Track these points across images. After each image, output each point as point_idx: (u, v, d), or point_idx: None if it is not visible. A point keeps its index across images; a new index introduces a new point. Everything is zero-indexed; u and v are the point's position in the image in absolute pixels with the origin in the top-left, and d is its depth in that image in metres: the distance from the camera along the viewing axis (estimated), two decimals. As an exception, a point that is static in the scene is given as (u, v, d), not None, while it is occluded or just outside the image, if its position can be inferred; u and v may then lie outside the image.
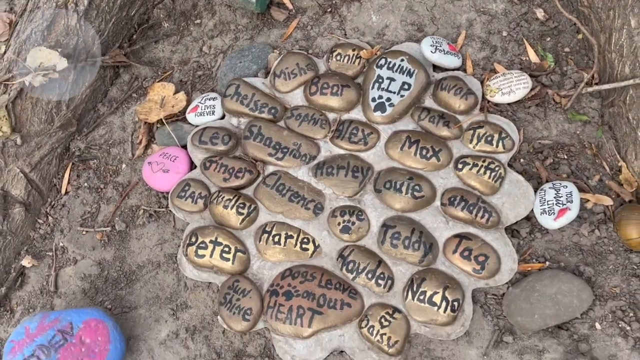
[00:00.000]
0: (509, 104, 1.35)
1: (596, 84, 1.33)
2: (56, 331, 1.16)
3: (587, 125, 1.32)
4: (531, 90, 1.34)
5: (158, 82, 1.55)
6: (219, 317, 1.21)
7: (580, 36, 1.40)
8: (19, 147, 1.40)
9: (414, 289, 1.16)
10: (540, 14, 1.44)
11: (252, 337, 1.21)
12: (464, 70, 1.42)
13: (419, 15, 1.50)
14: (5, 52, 1.47)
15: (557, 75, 1.37)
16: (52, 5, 1.43)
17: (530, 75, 1.36)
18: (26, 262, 1.37)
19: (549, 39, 1.42)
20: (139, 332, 1.27)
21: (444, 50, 1.39)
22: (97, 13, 1.47)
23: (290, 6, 1.58)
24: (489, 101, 1.36)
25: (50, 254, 1.39)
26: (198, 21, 1.62)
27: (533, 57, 1.40)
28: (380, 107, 1.35)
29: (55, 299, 1.34)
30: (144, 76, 1.59)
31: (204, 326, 1.25)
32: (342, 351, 1.17)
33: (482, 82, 1.38)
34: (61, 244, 1.40)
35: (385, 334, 1.12)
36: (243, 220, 1.28)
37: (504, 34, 1.45)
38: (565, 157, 1.30)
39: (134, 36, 1.61)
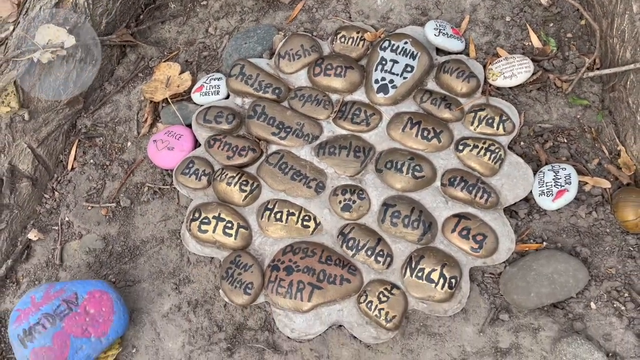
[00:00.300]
0: (510, 87, 1.37)
1: (597, 68, 1.34)
2: (61, 301, 1.18)
3: (587, 109, 1.33)
4: (533, 74, 1.35)
5: (164, 62, 1.56)
6: (220, 290, 1.24)
7: (583, 22, 1.41)
8: (27, 123, 1.42)
9: (413, 266, 1.18)
10: (543, -1, 1.45)
11: (252, 310, 1.24)
12: (467, 54, 1.43)
13: (423, -1, 1.51)
14: (14, 29, 1.49)
15: (559, 60, 1.38)
16: (61, -17, 1.45)
17: (533, 60, 1.37)
18: (32, 235, 1.40)
19: (552, 24, 1.43)
20: (142, 305, 1.29)
21: (447, 34, 1.40)
22: (105, -8, 1.49)
23: (296, -11, 1.59)
24: (490, 85, 1.37)
25: (56, 228, 1.42)
26: (204, 2, 1.64)
27: (536, 42, 1.41)
28: (383, 89, 1.36)
29: (61, 272, 1.37)
30: (150, 56, 1.61)
31: (205, 300, 1.27)
32: (340, 325, 1.19)
33: (484, 66, 1.39)
34: (67, 219, 1.42)
35: (383, 309, 1.14)
36: (246, 197, 1.30)
37: (507, 19, 1.46)
38: (565, 140, 1.31)
39: (141, 16, 1.63)
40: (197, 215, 1.29)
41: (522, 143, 1.32)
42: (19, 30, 1.46)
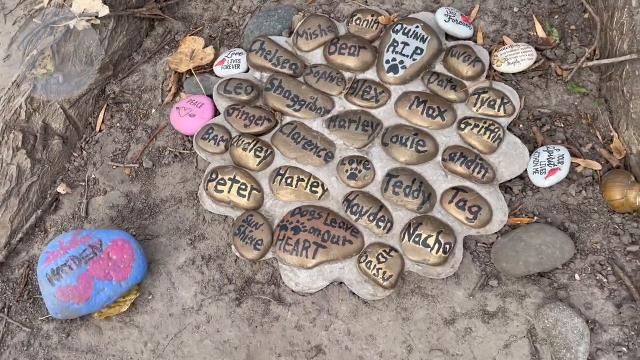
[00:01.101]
0: (514, 73, 1.45)
1: (597, 59, 1.41)
2: (87, 246, 1.29)
3: (585, 97, 1.41)
4: (535, 62, 1.43)
5: (189, 36, 1.67)
6: (232, 246, 1.34)
7: (586, 15, 1.49)
8: (60, 85, 1.53)
9: (411, 231, 1.27)
10: (550, -8, 1.53)
11: (261, 265, 1.34)
12: (475, 41, 1.51)
13: (436, -13, 1.60)
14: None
15: (561, 50, 1.46)
16: (98, -43, 1.55)
17: (536, 49, 1.45)
18: (61, 189, 1.51)
19: (557, 16, 1.51)
20: (159, 258, 1.40)
21: (456, 20, 1.48)
22: (138, -33, 1.60)
23: (316, -27, 1.68)
24: (495, 70, 1.45)
25: (83, 184, 1.53)
26: (230, -18, 1.74)
27: (540, 32, 1.49)
28: (393, 69, 1.45)
29: (85, 224, 1.48)
30: (176, 30, 1.71)
31: (218, 255, 1.38)
32: (341, 282, 1.29)
33: (490, 53, 1.47)
34: (93, 176, 1.53)
35: (381, 268, 1.24)
36: (260, 162, 1.40)
37: (515, 9, 1.54)
38: (562, 125, 1.39)
39: (170, -8, 1.73)
40: (214, 176, 1.39)
41: (521, 125, 1.40)
42: (57, -1, 1.57)
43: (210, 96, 1.55)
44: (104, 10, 1.52)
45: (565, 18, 1.51)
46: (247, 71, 1.57)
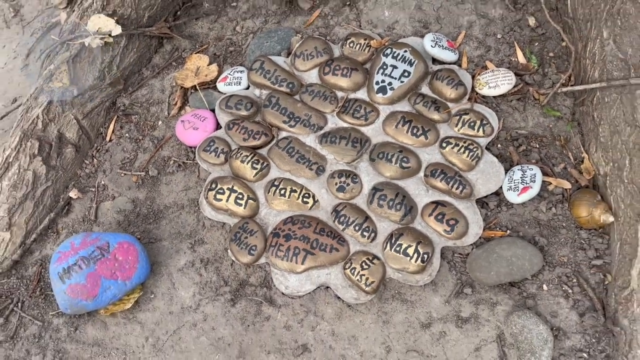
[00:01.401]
0: (494, 96, 1.56)
1: (571, 85, 1.52)
2: (96, 247, 1.41)
3: (559, 120, 1.52)
4: (515, 86, 1.54)
5: (195, 53, 1.79)
6: (229, 250, 1.45)
7: (563, 43, 1.60)
8: (75, 98, 1.65)
9: (392, 241, 1.38)
10: (531, 21, 1.64)
11: (254, 269, 1.45)
12: (459, 65, 1.62)
13: (426, 14, 1.71)
14: (69, 17, 1.73)
15: (539, 75, 1.57)
16: (113, -20, 1.68)
17: (516, 74, 1.56)
18: (73, 194, 1.63)
19: (537, 43, 1.62)
20: (162, 260, 1.52)
21: (442, 46, 1.60)
22: (149, -10, 1.72)
23: (315, -3, 1.80)
24: (477, 93, 1.56)
25: (93, 189, 1.65)
26: (234, 4, 1.86)
27: (521, 58, 1.60)
28: (382, 90, 1.57)
29: (94, 227, 1.60)
30: (183, 48, 1.83)
31: (216, 259, 1.49)
32: (327, 287, 1.39)
33: (473, 76, 1.58)
34: (102, 182, 1.65)
35: (364, 275, 1.35)
36: (256, 174, 1.51)
37: (499, 36, 1.65)
38: (537, 146, 1.50)
39: (178, 12, 1.86)
40: (214, 185, 1.51)
41: (499, 145, 1.51)
42: (74, 17, 1.70)
43: (213, 110, 1.67)
44: (117, 30, 1.65)
45: (545, 45, 1.61)
46: (247, 88, 1.69)
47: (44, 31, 2.23)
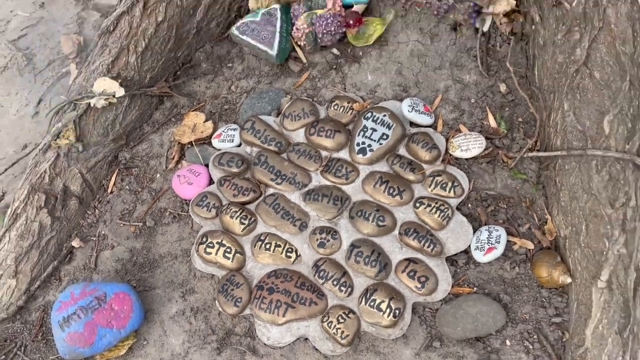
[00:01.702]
0: (466, 159, 1.68)
1: (537, 150, 1.64)
2: (93, 297, 1.53)
3: (525, 182, 1.63)
4: (485, 149, 1.66)
5: (192, 111, 1.93)
6: (216, 301, 1.57)
7: (531, 109, 1.72)
8: (80, 153, 1.79)
9: (367, 296, 1.49)
10: (502, 87, 1.77)
11: (240, 320, 1.56)
12: (435, 128, 1.75)
13: (405, 78, 1.84)
14: (76, 78, 1.88)
15: (508, 139, 1.69)
16: (118, 46, 1.83)
17: (486, 138, 1.68)
18: (75, 243, 1.76)
19: (507, 109, 1.75)
20: (155, 307, 1.63)
21: (419, 111, 1.73)
22: (152, 54, 1.87)
23: (304, 60, 1.94)
24: (451, 155, 1.69)
25: (94, 239, 1.77)
26: (230, 65, 2.01)
27: (492, 122, 1.72)
28: (362, 151, 1.69)
29: (94, 275, 1.72)
30: (182, 105, 1.98)
31: (205, 308, 1.60)
32: (306, 338, 1.50)
33: (447, 139, 1.71)
34: (103, 232, 1.78)
35: (340, 328, 1.45)
36: (244, 228, 1.63)
37: (472, 100, 1.78)
38: (505, 206, 1.61)
39: (178, 72, 2.00)
40: (204, 239, 1.63)
41: (469, 205, 1.63)
42: (81, 79, 1.85)
43: (207, 166, 1.80)
44: (121, 92, 1.79)
45: (514, 111, 1.74)
46: (239, 145, 1.82)
47: (54, 80, 2.39)
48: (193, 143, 1.85)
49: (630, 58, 1.47)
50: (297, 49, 1.95)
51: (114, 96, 1.80)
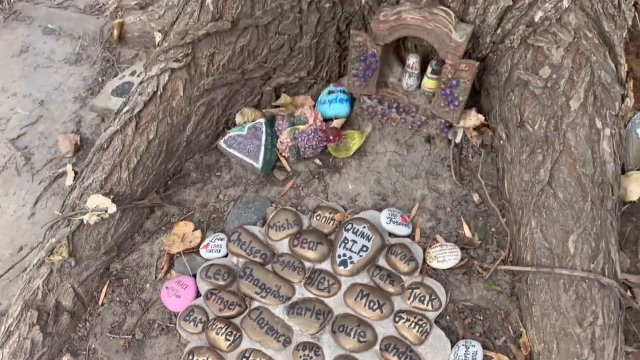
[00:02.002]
0: (443, 269, 1.75)
1: (510, 262, 1.71)
2: (82, 421, 1.56)
3: (500, 294, 1.70)
4: (460, 260, 1.73)
5: (181, 220, 2.01)
6: (202, 421, 1.60)
7: (504, 221, 1.80)
8: (73, 268, 1.86)
9: (349, 416, 1.52)
10: (476, 197, 1.86)
11: None
12: (413, 238, 1.83)
13: (384, 187, 1.94)
14: (70, 193, 1.98)
15: (482, 250, 1.76)
16: (111, 163, 1.93)
17: (462, 248, 1.76)
18: (66, 358, 1.80)
19: (480, 218, 1.83)
20: None
21: (397, 222, 1.81)
22: (143, 168, 1.97)
23: (288, 169, 2.05)
24: (428, 265, 1.76)
25: (85, 353, 1.81)
26: (218, 174, 2.11)
27: (467, 232, 1.80)
28: (344, 263, 1.76)
29: (83, 390, 1.75)
30: (172, 213, 2.06)
31: None
32: None
33: (424, 250, 1.78)
34: (93, 346, 1.82)
35: None
36: (229, 345, 1.68)
37: (448, 209, 1.87)
38: (481, 318, 1.67)
39: (169, 182, 2.10)
40: (190, 357, 1.67)
41: (447, 317, 1.68)
42: (75, 194, 1.94)
43: (195, 276, 1.87)
44: (112, 208, 1.88)
45: (487, 221, 1.82)
46: (226, 256, 1.89)
47: (51, 180, 2.48)
48: (181, 253, 1.92)
49: (590, 179, 1.56)
50: (282, 159, 2.05)
51: (106, 211, 1.89)
